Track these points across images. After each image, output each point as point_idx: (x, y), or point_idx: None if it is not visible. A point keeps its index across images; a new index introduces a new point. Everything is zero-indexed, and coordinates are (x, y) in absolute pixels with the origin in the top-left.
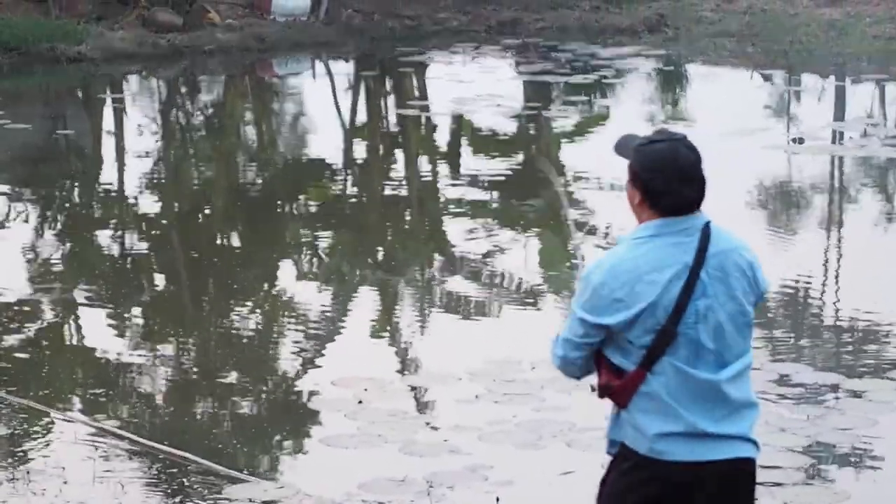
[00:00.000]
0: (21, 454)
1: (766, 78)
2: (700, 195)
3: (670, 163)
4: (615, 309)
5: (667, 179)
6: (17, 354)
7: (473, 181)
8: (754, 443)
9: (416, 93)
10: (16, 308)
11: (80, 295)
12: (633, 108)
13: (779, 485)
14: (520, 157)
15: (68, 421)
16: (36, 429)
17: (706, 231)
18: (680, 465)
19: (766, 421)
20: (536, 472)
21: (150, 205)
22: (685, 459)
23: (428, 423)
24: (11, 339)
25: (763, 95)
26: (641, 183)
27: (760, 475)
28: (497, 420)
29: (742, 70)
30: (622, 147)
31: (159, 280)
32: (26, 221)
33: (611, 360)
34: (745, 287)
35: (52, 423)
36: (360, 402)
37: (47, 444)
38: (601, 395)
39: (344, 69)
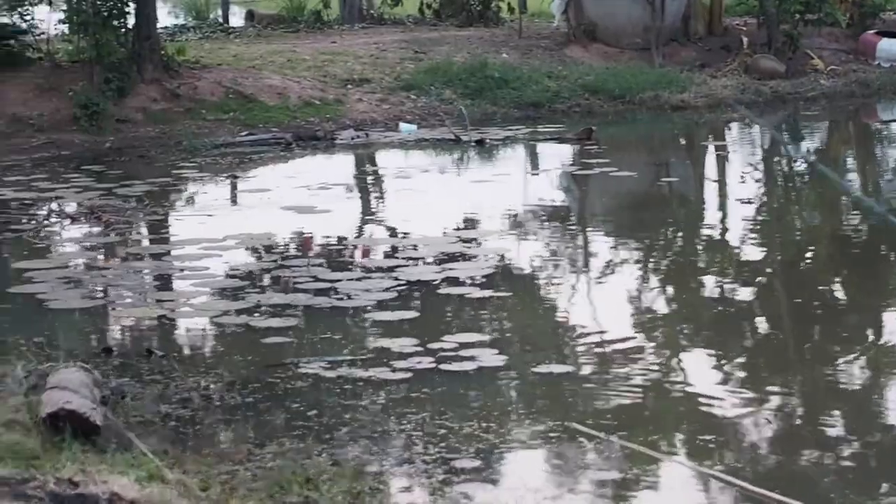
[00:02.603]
0: (630, 498)
1: None
2: None
3: None
4: None
5: None
6: (624, 398)
7: None
8: None
9: None
10: (621, 352)
11: (683, 340)
12: None
13: None
14: None
15: (675, 465)
16: (644, 473)
17: None
18: None
19: None
20: None
21: (752, 251)
22: None
23: None
24: (618, 384)
25: None
26: None
27: None
28: None
29: None
30: None
31: (762, 326)
32: (630, 267)
33: None
34: None
35: (660, 467)
36: None
37: (655, 489)
38: None
39: None
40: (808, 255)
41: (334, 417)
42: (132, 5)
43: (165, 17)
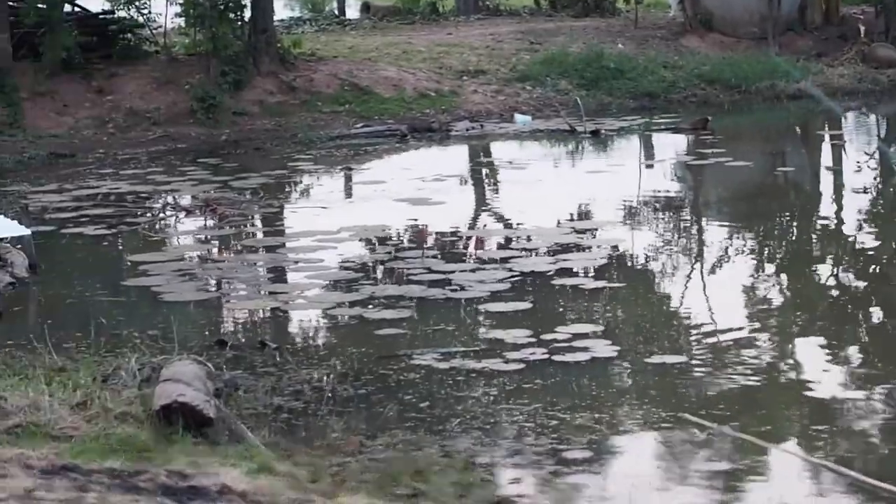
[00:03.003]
0: (742, 488)
1: None
2: None
3: None
4: None
5: None
6: (737, 389)
7: None
8: None
9: None
10: (734, 343)
11: (796, 330)
12: None
13: None
14: None
15: (787, 456)
16: (756, 464)
17: None
18: None
19: None
20: None
21: (868, 241)
22: None
23: None
24: (731, 375)
25: None
26: None
27: None
28: None
29: None
30: None
31: (876, 317)
32: (746, 256)
33: None
34: None
35: (772, 458)
36: None
37: (767, 480)
38: None
39: None
40: None
41: (446, 409)
42: None
43: (281, 10)
